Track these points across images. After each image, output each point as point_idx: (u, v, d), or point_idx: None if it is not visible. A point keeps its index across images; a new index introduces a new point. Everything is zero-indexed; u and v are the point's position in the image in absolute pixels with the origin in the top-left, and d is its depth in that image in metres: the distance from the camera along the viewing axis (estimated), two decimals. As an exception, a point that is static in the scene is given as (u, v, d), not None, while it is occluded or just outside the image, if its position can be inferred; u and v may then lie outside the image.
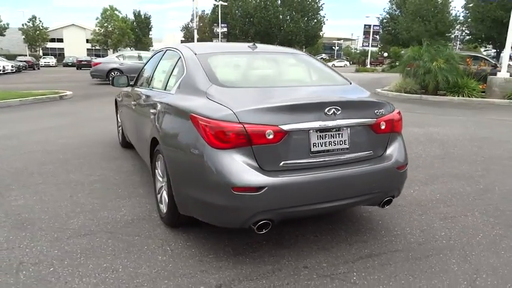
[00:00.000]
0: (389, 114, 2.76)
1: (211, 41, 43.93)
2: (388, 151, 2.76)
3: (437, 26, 45.51)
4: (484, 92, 12.27)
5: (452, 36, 49.88)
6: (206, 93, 2.65)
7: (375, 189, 2.66)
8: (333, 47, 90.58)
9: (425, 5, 46.33)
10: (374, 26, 45.06)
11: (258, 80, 3.34)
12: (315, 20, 46.34)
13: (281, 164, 2.39)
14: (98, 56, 46.40)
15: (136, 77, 4.74)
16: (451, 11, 47.68)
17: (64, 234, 2.93)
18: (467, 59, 13.46)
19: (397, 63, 30.70)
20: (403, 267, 2.52)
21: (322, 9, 46.10)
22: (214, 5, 47.43)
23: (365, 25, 45.77)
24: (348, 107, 2.54)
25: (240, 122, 2.30)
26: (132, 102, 4.25)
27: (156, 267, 2.51)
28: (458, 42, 51.18)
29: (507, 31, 22.99)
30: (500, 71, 11.83)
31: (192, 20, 29.94)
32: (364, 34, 46.15)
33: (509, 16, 20.58)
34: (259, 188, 2.26)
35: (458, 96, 12.16)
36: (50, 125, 7.55)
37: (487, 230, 3.11)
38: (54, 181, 4.16)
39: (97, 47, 62.07)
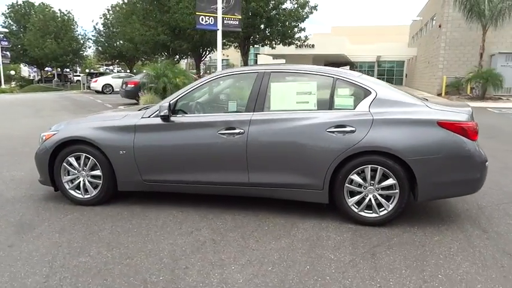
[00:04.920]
0: None
1: None
2: None
3: (72, 45, 45.94)
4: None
5: (85, 54, 52.08)
6: (426, 105, 3.69)
7: None
8: None
9: (52, 22, 45.45)
10: (2, 41, 39.78)
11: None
12: None
13: None
14: None
15: (173, 107, 4.08)
16: (76, 30, 49.20)
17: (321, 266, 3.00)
18: (197, 74, 16.36)
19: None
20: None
21: None
22: None
23: (-12, 40, 39.63)
24: None
25: (473, 122, 3.65)
26: (225, 132, 3.94)
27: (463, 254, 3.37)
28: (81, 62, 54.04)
29: (165, 50, 28.20)
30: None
31: None
32: (-12, 50, 39.81)
33: (170, 40, 25.37)
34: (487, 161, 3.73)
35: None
36: None
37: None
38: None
39: None
